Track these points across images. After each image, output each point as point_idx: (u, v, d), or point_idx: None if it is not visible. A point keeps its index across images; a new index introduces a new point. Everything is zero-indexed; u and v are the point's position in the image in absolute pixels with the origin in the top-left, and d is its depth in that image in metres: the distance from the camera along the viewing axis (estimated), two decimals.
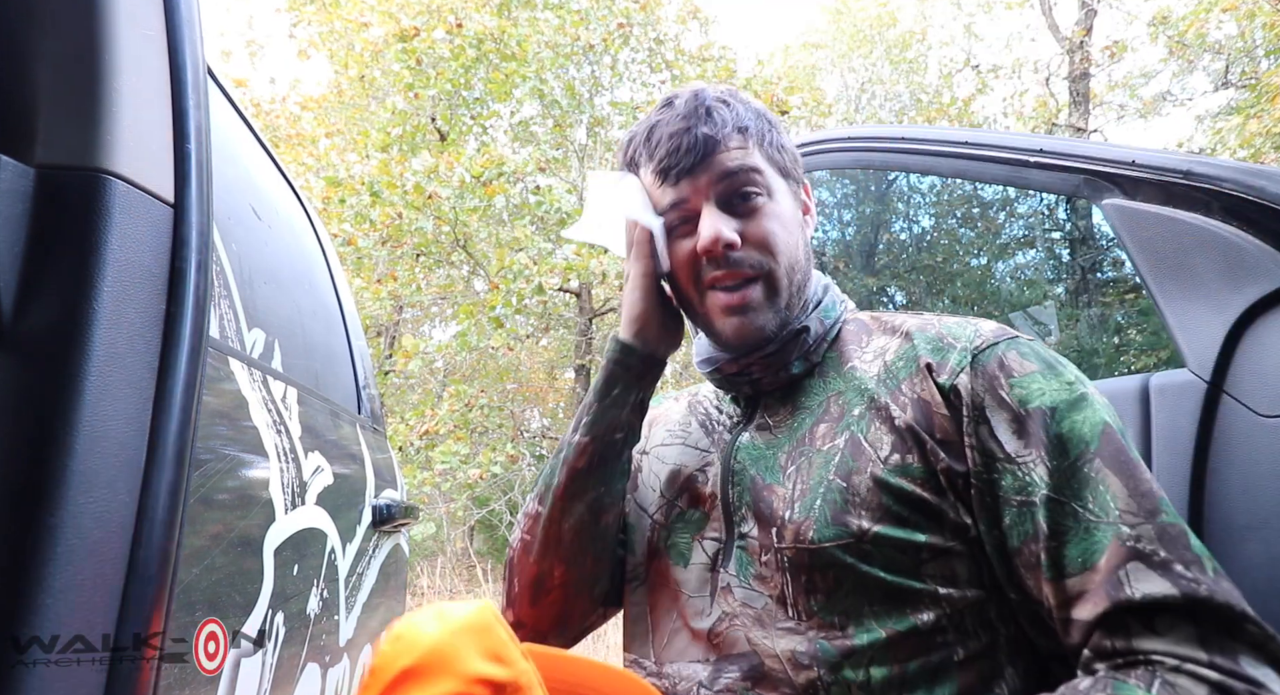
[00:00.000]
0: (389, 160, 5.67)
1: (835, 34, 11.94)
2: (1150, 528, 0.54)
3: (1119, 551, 0.54)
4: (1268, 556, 0.73)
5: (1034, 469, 0.59)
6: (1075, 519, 0.56)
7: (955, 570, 0.61)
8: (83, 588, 0.39)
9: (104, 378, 0.42)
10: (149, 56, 0.51)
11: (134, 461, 0.44)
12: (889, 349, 0.70)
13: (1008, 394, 0.61)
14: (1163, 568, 0.53)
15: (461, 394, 5.88)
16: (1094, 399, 0.61)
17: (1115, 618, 0.53)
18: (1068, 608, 0.56)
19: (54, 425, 0.40)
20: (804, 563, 0.63)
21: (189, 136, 0.53)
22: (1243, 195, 0.80)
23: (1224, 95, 7.85)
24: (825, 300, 0.75)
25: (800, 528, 0.63)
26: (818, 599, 0.62)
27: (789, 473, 0.67)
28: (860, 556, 0.61)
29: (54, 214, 0.44)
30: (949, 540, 0.61)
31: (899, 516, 0.61)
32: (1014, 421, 0.60)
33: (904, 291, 1.80)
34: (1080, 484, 0.57)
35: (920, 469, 0.62)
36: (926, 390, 0.64)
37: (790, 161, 0.73)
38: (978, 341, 0.65)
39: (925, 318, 0.72)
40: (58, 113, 0.45)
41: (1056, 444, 0.59)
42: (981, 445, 0.61)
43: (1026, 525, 0.58)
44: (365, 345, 1.68)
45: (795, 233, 0.71)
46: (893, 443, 0.63)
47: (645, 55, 7.28)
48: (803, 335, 0.72)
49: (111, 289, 0.43)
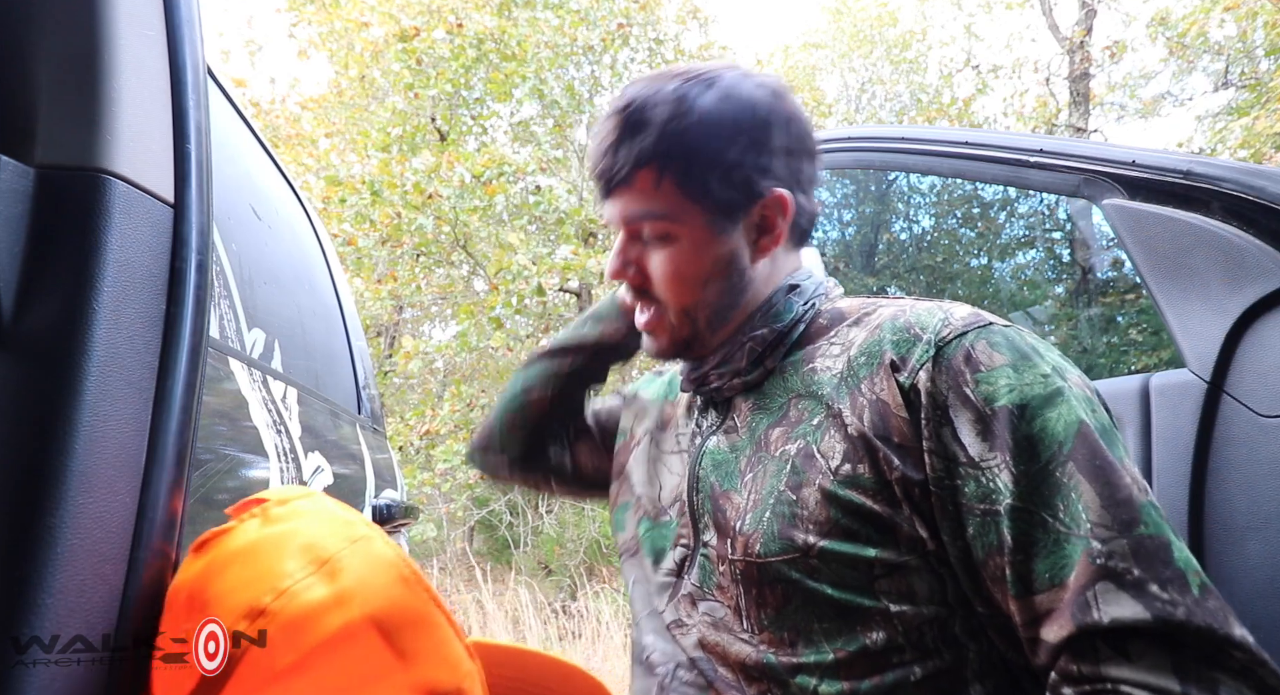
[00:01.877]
0: (389, 160, 5.67)
1: (835, 34, 11.93)
2: (1125, 542, 0.49)
3: (1088, 569, 0.49)
4: (1268, 556, 0.73)
5: (999, 475, 0.53)
6: (1044, 530, 0.51)
7: (912, 586, 0.57)
8: (83, 588, 0.39)
9: (104, 378, 0.42)
10: (149, 56, 0.51)
11: (134, 461, 0.44)
12: (854, 343, 0.64)
13: (972, 391, 0.55)
14: (1136, 587, 0.47)
15: (462, 394, 5.88)
16: (1071, 393, 0.54)
17: (1083, 641, 0.49)
18: (1035, 627, 0.51)
19: (54, 425, 0.40)
20: (754, 576, 0.61)
21: (189, 136, 0.53)
22: (1243, 195, 0.80)
23: (1224, 95, 7.85)
24: (782, 303, 0.69)
25: (749, 540, 0.61)
26: (768, 613, 0.60)
27: (746, 480, 0.65)
28: (807, 572, 0.58)
29: (54, 214, 0.44)
30: (903, 555, 0.57)
31: (847, 530, 0.57)
32: (979, 422, 0.54)
33: (904, 292, 1.80)
34: (1050, 491, 0.51)
35: (871, 479, 0.57)
36: (887, 389, 0.59)
37: (728, 181, 0.64)
38: (944, 332, 0.58)
39: (901, 304, 0.66)
40: (58, 113, 0.45)
41: (1025, 446, 0.53)
42: (943, 449, 0.55)
43: (991, 536, 0.53)
44: (365, 345, 1.68)
45: (703, 273, 0.66)
46: (844, 452, 0.59)
47: (645, 55, 7.28)
48: (750, 344, 0.68)
49: (111, 289, 0.43)
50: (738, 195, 0.65)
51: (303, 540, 0.42)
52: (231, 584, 0.40)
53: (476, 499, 6.10)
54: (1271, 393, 0.76)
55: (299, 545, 0.42)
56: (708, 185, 0.64)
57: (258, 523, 0.44)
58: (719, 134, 0.64)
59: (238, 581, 0.40)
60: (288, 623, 0.38)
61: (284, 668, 0.38)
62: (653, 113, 0.64)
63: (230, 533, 0.44)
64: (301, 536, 0.42)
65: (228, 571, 0.41)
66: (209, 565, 0.42)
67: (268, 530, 0.43)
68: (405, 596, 0.42)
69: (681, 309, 0.68)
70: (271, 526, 0.44)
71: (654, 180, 0.65)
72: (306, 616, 0.39)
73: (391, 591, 0.42)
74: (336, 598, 0.40)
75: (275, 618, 0.38)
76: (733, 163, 0.64)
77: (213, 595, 0.40)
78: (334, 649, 0.38)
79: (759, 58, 8.47)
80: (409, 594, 0.42)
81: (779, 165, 0.66)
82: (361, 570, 0.42)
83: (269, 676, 0.37)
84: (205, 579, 0.42)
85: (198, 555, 0.43)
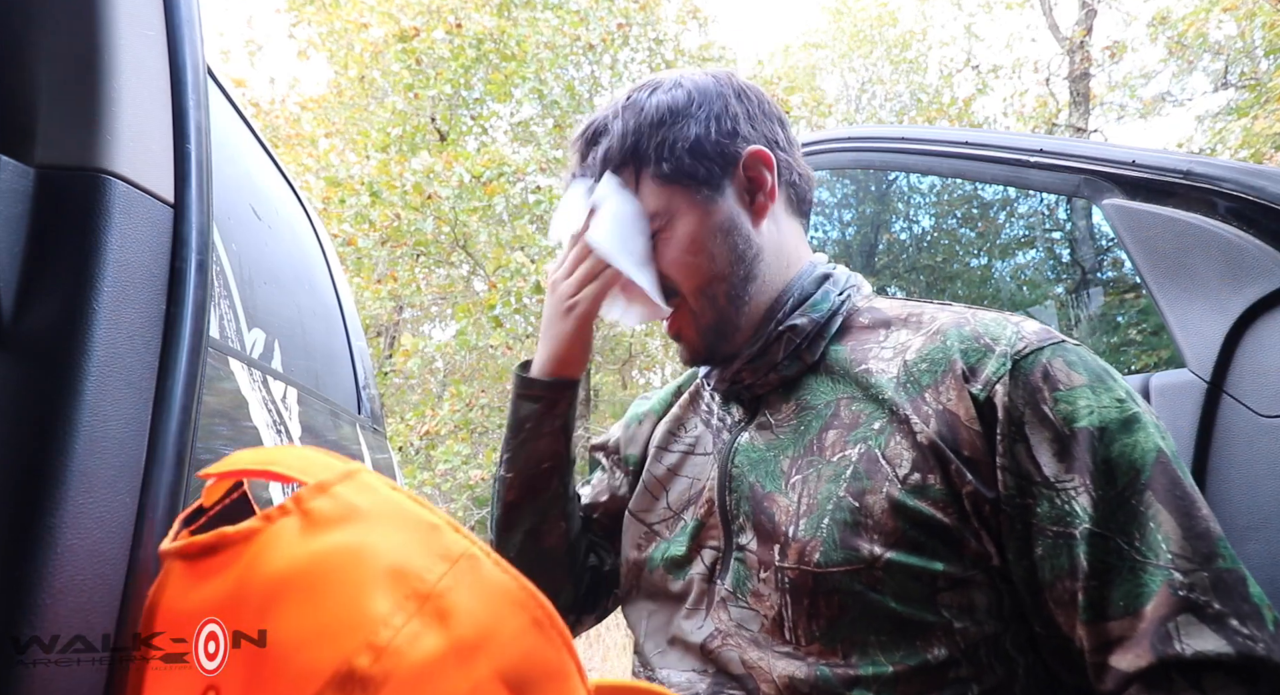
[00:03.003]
0: (389, 160, 5.67)
1: (835, 34, 11.93)
2: (1206, 575, 0.49)
3: (1169, 600, 0.48)
4: (1268, 556, 0.73)
5: (1076, 497, 0.52)
6: (1120, 557, 0.51)
7: (973, 601, 0.56)
8: (83, 588, 0.39)
9: (104, 378, 0.42)
10: (149, 56, 0.51)
11: (134, 461, 0.44)
12: (910, 347, 0.62)
13: (1051, 409, 0.54)
14: (1217, 621, 0.47)
15: (462, 394, 5.89)
16: (1148, 420, 0.54)
17: (1159, 672, 0.48)
18: (1104, 653, 0.51)
19: (54, 425, 0.40)
20: (807, 586, 0.57)
21: (189, 136, 0.53)
22: (1243, 195, 0.80)
23: (1224, 95, 7.85)
24: (817, 293, 0.68)
25: (806, 548, 0.58)
26: (819, 625, 0.57)
27: (794, 482, 0.61)
28: (870, 584, 0.55)
29: (54, 214, 0.43)
30: (968, 569, 0.56)
31: (915, 542, 0.55)
32: (1056, 442, 0.53)
33: (904, 291, 1.80)
34: (1128, 518, 0.51)
35: (942, 491, 0.55)
36: (957, 400, 0.57)
37: (699, 156, 0.65)
38: (1020, 345, 0.57)
39: (959, 311, 0.64)
40: (58, 113, 0.45)
41: (1104, 470, 0.52)
42: (1017, 467, 0.54)
43: (1062, 559, 0.52)
44: (365, 345, 1.68)
45: (710, 247, 0.66)
46: (913, 460, 0.57)
47: (645, 55, 7.28)
48: (788, 335, 0.66)
49: (111, 289, 0.43)
50: (714, 164, 0.66)
51: (385, 563, 0.30)
52: (294, 632, 0.29)
53: (477, 499, 6.10)
54: (1271, 393, 0.76)
55: (382, 572, 0.30)
56: (681, 164, 0.66)
57: (296, 526, 0.32)
58: (675, 116, 0.66)
59: (304, 630, 0.29)
60: (399, 692, 0.28)
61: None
62: (610, 125, 0.68)
63: (257, 541, 0.31)
64: (380, 556, 0.30)
65: (283, 610, 0.29)
66: (240, 592, 0.30)
67: (321, 541, 0.31)
68: (539, 646, 0.32)
69: (698, 290, 0.67)
70: (322, 535, 0.31)
71: (632, 175, 0.67)
72: (422, 680, 0.28)
73: (523, 641, 0.31)
74: (455, 650, 0.29)
75: (380, 688, 0.28)
76: (698, 136, 0.66)
77: (273, 648, 0.29)
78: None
79: (759, 58, 8.47)
80: (543, 642, 0.32)
81: (745, 128, 0.68)
82: (478, 609, 0.31)
83: None
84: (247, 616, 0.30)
85: (203, 571, 0.32)
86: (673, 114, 0.66)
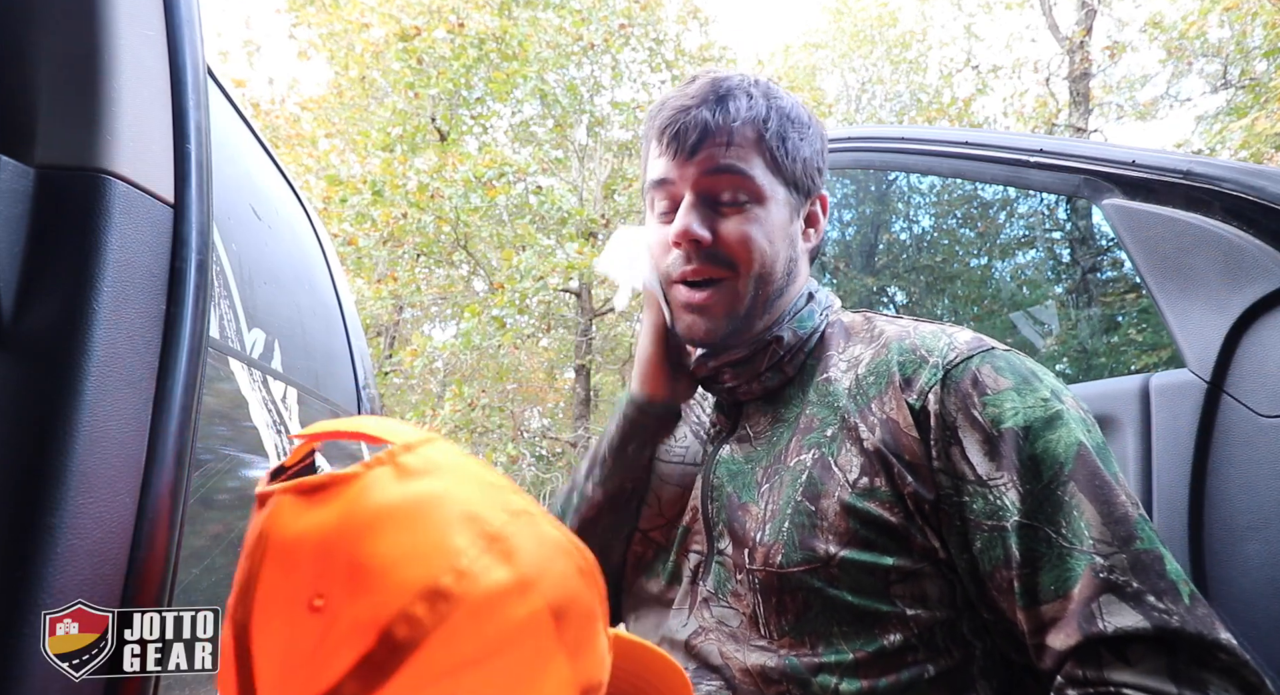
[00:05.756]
0: (391, 159, 5.68)
1: (835, 34, 11.94)
2: (1124, 557, 0.53)
3: (1092, 582, 0.53)
4: (1268, 556, 0.73)
5: (1006, 493, 0.57)
6: (1049, 545, 0.55)
7: (925, 591, 0.60)
8: (83, 588, 0.39)
9: (104, 378, 0.42)
10: (149, 56, 0.51)
11: (134, 461, 0.44)
12: (862, 360, 0.67)
13: (980, 413, 0.59)
14: (1135, 599, 0.52)
15: (463, 394, 5.89)
16: (1069, 416, 0.58)
17: (1088, 648, 0.53)
18: (1041, 634, 0.55)
19: (54, 425, 0.40)
20: (774, 585, 0.62)
21: (189, 136, 0.53)
22: (1243, 195, 0.80)
23: (1223, 96, 7.85)
24: (805, 309, 0.72)
25: (769, 551, 0.63)
26: (788, 620, 0.62)
27: (763, 491, 0.66)
28: (828, 580, 0.60)
29: (54, 214, 0.44)
30: (917, 562, 0.60)
31: (866, 540, 0.60)
32: (986, 443, 0.58)
33: (904, 292, 1.80)
34: (1054, 509, 0.55)
35: (888, 493, 0.60)
36: (896, 409, 0.62)
37: (804, 172, 0.70)
38: (950, 355, 0.62)
39: (903, 325, 0.69)
40: (58, 113, 0.45)
41: (1029, 466, 0.57)
42: (951, 467, 0.59)
43: (997, 550, 0.57)
44: (365, 345, 1.68)
45: (779, 244, 0.68)
46: (861, 465, 0.62)
47: (645, 55, 7.29)
48: (773, 346, 0.70)
49: (111, 289, 0.43)
50: (808, 184, 0.71)
51: (461, 509, 0.36)
52: (392, 551, 0.34)
53: None
54: (1271, 393, 0.76)
55: (459, 515, 0.36)
56: (794, 166, 0.69)
57: (391, 474, 0.37)
58: (801, 126, 0.70)
59: (400, 551, 0.34)
60: (473, 609, 0.34)
61: (465, 658, 0.34)
62: (753, 89, 0.68)
63: (358, 482, 0.37)
64: (457, 503, 0.37)
65: (382, 534, 0.35)
66: (347, 519, 0.35)
67: (411, 486, 0.37)
68: (581, 589, 0.39)
69: (757, 275, 0.67)
70: (412, 482, 0.37)
71: (753, 145, 0.67)
72: (492, 603, 0.34)
73: (570, 583, 0.38)
74: (519, 584, 0.35)
75: (459, 603, 0.33)
76: (812, 153, 0.70)
77: (375, 562, 0.34)
78: (515, 640, 0.35)
79: (759, 58, 8.47)
80: (585, 586, 0.39)
81: (825, 172, 0.73)
82: (536, 553, 0.37)
83: (448, 667, 0.33)
84: (352, 537, 0.35)
85: (313, 502, 0.36)
86: (801, 123, 0.70)
